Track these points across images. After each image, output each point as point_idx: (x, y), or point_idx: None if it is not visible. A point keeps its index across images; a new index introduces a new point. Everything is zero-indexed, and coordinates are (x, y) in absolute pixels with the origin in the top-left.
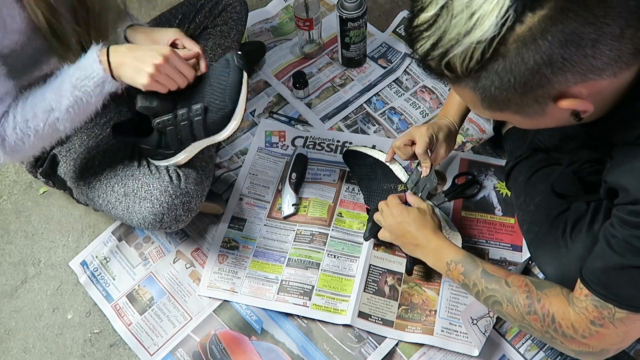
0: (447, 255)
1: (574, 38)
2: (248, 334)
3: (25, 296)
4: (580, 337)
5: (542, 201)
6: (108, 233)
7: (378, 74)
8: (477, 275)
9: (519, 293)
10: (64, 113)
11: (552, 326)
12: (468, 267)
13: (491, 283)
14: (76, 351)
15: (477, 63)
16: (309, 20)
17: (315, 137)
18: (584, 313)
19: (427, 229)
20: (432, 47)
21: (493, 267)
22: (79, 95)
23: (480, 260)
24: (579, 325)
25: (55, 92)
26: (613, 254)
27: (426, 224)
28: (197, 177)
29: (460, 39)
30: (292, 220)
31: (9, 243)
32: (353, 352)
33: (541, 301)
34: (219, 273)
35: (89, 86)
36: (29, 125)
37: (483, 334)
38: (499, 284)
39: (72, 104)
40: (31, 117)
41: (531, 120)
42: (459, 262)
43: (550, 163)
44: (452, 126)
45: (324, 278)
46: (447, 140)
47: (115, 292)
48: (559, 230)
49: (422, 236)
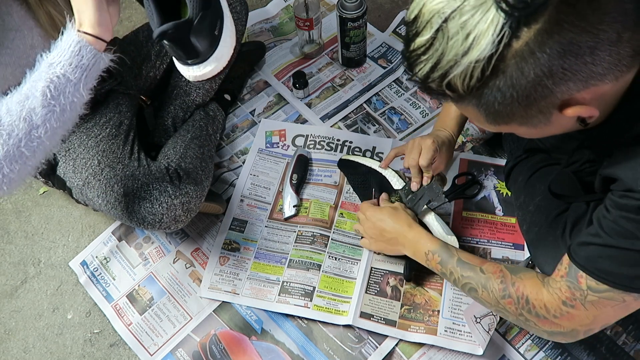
0: (424, 245)
1: (572, 48)
2: (248, 334)
3: (25, 296)
4: (552, 317)
5: (542, 201)
6: (108, 233)
7: (378, 74)
8: (452, 264)
9: (494, 279)
10: (39, 99)
11: (525, 307)
12: (444, 257)
13: (466, 271)
14: (76, 351)
15: (478, 81)
16: (309, 20)
17: (316, 136)
18: (557, 293)
19: (401, 222)
20: (432, 69)
21: (468, 256)
22: (55, 72)
23: (455, 250)
24: (551, 305)
25: (30, 81)
26: (602, 234)
27: (399, 217)
28: (196, 178)
29: (459, 59)
30: (293, 222)
31: (9, 243)
32: (353, 353)
33: (515, 284)
34: (220, 275)
35: (64, 58)
36: (2, 123)
37: (487, 332)
38: (473, 272)
39: (46, 85)
40: (4, 113)
41: (537, 130)
42: (436, 252)
43: (550, 163)
44: (452, 138)
45: (325, 279)
46: (447, 153)
47: (116, 292)
48: (559, 230)
49: (398, 229)
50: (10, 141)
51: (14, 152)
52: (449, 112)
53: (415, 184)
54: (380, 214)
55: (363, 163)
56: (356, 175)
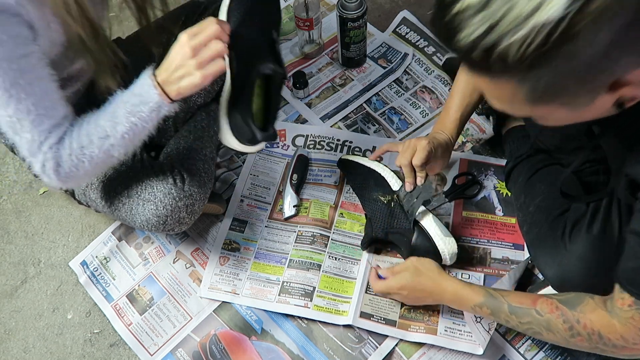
0: (468, 300)
1: None
2: (248, 334)
3: (25, 296)
4: (631, 344)
5: (542, 202)
6: (108, 233)
7: (378, 74)
8: (505, 312)
9: (554, 319)
10: (119, 139)
11: (600, 342)
12: (493, 307)
13: (522, 317)
14: (76, 351)
15: (537, 49)
16: (309, 20)
17: (316, 136)
18: (631, 323)
19: (429, 284)
20: (483, 35)
21: (517, 298)
22: (134, 121)
23: (501, 295)
24: (629, 335)
25: (109, 119)
26: None
27: (423, 280)
28: (200, 180)
29: (521, 22)
30: (293, 222)
31: (9, 243)
32: (353, 353)
33: (580, 322)
34: (220, 275)
35: (144, 112)
36: (84, 152)
37: (487, 332)
38: (530, 316)
39: (127, 130)
40: (87, 143)
41: (574, 113)
42: (483, 305)
43: (550, 163)
44: (449, 142)
45: (325, 279)
46: (444, 156)
47: (115, 292)
48: (559, 231)
49: (431, 293)
50: (88, 165)
51: (92, 172)
52: (449, 114)
53: (409, 184)
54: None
55: (362, 163)
56: (356, 176)
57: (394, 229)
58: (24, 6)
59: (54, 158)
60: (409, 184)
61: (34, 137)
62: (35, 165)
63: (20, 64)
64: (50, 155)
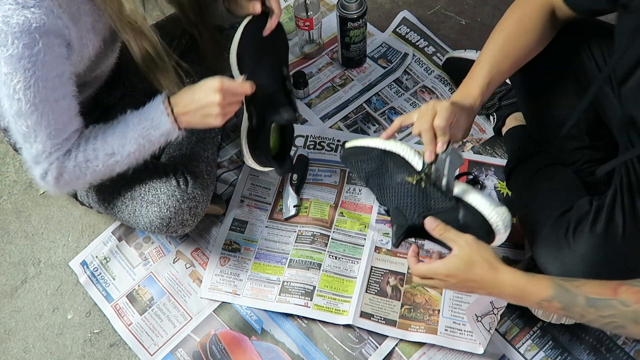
0: (532, 295)
1: None
2: (248, 334)
3: (25, 296)
4: None
5: (544, 201)
6: (108, 233)
7: (378, 74)
8: (581, 305)
9: None
10: (124, 157)
11: None
12: (566, 301)
13: (603, 309)
14: (76, 351)
15: None
16: (309, 20)
17: (316, 137)
18: None
19: (486, 277)
20: None
21: (594, 288)
22: (143, 142)
23: (574, 285)
24: None
25: (119, 138)
26: None
27: (477, 271)
28: (203, 182)
29: None
30: (293, 222)
31: (9, 243)
32: (354, 353)
33: None
34: (220, 275)
35: (154, 135)
36: (88, 165)
37: (488, 331)
38: (613, 308)
39: (134, 150)
40: (92, 158)
41: None
42: (554, 299)
43: (551, 163)
44: (474, 106)
45: (326, 279)
46: (466, 122)
47: (115, 292)
48: (562, 230)
49: (486, 286)
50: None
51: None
52: (474, 80)
53: (430, 153)
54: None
55: (375, 146)
56: (369, 162)
57: (433, 210)
58: (68, 27)
59: (58, 168)
60: (429, 153)
61: (45, 148)
62: (36, 172)
63: (54, 83)
64: (55, 166)
